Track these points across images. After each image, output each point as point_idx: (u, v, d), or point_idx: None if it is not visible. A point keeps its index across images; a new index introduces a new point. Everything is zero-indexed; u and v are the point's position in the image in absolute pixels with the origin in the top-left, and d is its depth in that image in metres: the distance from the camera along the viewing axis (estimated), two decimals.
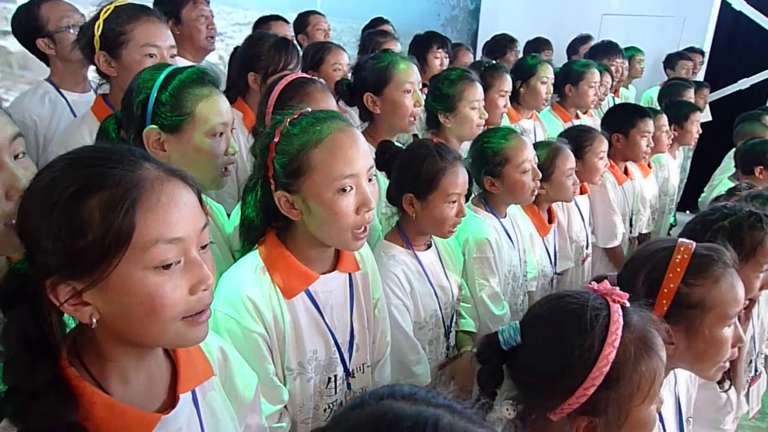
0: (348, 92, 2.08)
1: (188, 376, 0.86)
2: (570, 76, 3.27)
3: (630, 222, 2.84)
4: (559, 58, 4.27)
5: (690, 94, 3.83)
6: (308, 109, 1.18)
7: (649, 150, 2.74)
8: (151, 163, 0.75)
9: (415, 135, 2.29)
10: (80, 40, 1.66)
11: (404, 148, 1.68)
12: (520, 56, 3.78)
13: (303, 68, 2.35)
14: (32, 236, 0.71)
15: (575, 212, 2.41)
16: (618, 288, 0.97)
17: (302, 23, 3.16)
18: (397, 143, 1.91)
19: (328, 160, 1.09)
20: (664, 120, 2.94)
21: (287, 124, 1.13)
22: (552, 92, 3.07)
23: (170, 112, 1.26)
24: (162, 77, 1.27)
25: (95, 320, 0.72)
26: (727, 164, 3.26)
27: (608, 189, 2.60)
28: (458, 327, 1.82)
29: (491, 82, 2.53)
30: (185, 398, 0.84)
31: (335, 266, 1.26)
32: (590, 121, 3.42)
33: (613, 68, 3.90)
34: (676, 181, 3.50)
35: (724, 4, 5.20)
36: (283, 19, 2.92)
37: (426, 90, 2.29)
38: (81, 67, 2.04)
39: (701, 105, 4.04)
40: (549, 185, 2.07)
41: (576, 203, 2.39)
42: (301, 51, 2.33)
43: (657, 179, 3.16)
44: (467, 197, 1.69)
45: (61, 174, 0.71)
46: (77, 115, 1.92)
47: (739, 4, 5.22)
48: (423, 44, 3.14)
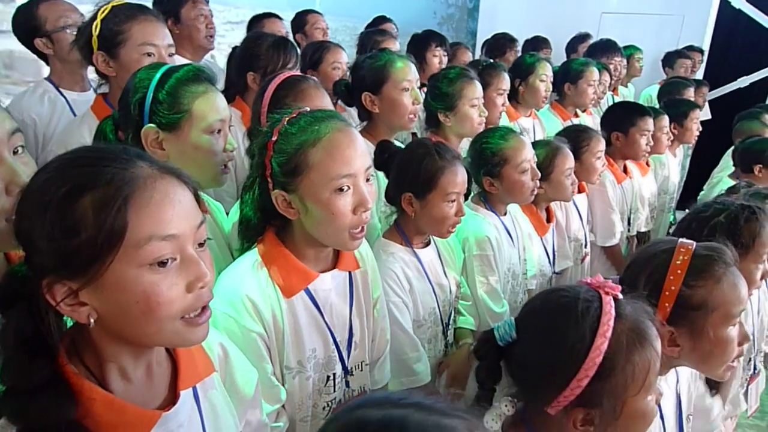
0: (346, 92, 2.07)
1: (189, 373, 0.86)
2: (569, 75, 3.27)
3: (628, 220, 2.83)
4: (558, 57, 4.26)
5: (690, 93, 3.82)
6: (306, 109, 1.17)
7: (649, 149, 2.73)
8: (145, 161, 0.74)
9: (414, 134, 2.29)
10: (78, 41, 1.66)
11: (403, 148, 1.68)
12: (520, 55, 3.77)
13: (302, 67, 2.34)
14: (27, 237, 0.71)
15: (573, 211, 2.40)
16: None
17: (300, 22, 3.15)
18: (397, 142, 1.91)
19: (326, 160, 1.09)
20: (665, 121, 2.93)
21: (285, 123, 1.13)
22: (551, 90, 3.07)
23: (167, 111, 1.26)
24: (158, 76, 1.27)
25: (92, 320, 0.72)
26: (726, 162, 3.25)
27: (607, 188, 2.60)
28: (456, 325, 1.82)
29: (489, 81, 2.53)
30: (186, 395, 0.84)
31: (335, 264, 1.25)
32: (589, 120, 3.42)
33: (612, 67, 3.88)
34: (677, 180, 3.49)
35: (724, 3, 5.18)
36: (277, 16, 2.92)
37: (425, 89, 2.29)
38: (79, 67, 2.04)
39: (701, 103, 4.03)
40: (548, 185, 2.06)
41: (574, 202, 2.38)
42: (300, 50, 2.33)
43: (657, 178, 3.16)
44: (466, 197, 1.69)
45: (55, 174, 0.71)
46: (77, 114, 1.93)
47: (739, 3, 5.20)
48: (421, 43, 3.13)
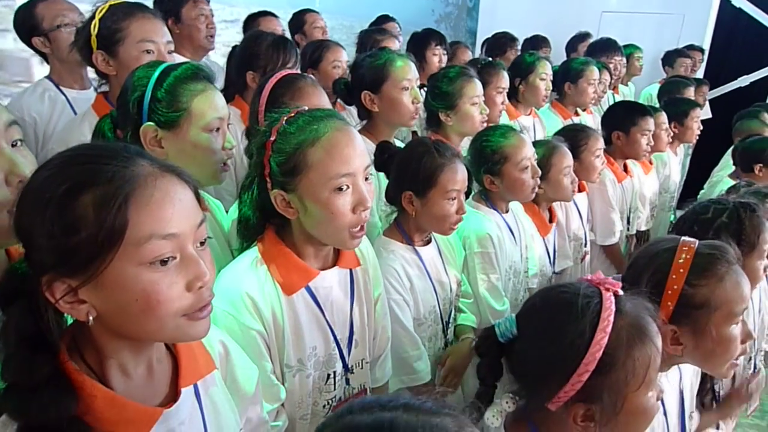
0: (345, 91, 2.07)
1: (190, 370, 0.86)
2: (569, 74, 3.26)
3: (628, 219, 2.83)
4: (558, 56, 4.25)
5: (690, 92, 3.81)
6: (305, 108, 1.17)
7: (650, 148, 2.73)
8: (145, 160, 0.74)
9: (414, 132, 2.29)
10: (77, 42, 1.66)
11: (403, 147, 1.68)
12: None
13: (302, 66, 2.34)
14: (27, 234, 0.71)
15: (573, 210, 2.40)
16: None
17: (299, 22, 3.13)
18: (397, 141, 1.91)
19: (325, 159, 1.09)
20: (664, 118, 2.92)
21: (284, 123, 1.12)
22: (551, 89, 3.06)
23: (166, 109, 1.26)
24: (157, 74, 1.27)
25: (92, 317, 0.72)
26: (727, 161, 3.25)
27: (607, 186, 2.60)
28: (458, 323, 1.81)
29: (488, 80, 2.52)
30: (187, 392, 0.84)
31: (335, 262, 1.25)
32: (590, 119, 3.42)
33: (612, 66, 3.88)
34: (678, 178, 3.49)
35: (724, 1, 5.17)
36: (272, 14, 2.91)
37: (424, 89, 2.29)
38: (78, 65, 2.04)
39: (701, 102, 4.03)
40: (546, 184, 2.05)
41: (574, 201, 2.38)
42: (299, 50, 2.32)
43: (659, 176, 3.16)
44: (467, 195, 1.69)
45: (56, 171, 0.71)
46: (77, 112, 1.93)
47: (739, 1, 5.19)
48: (421, 41, 3.12)
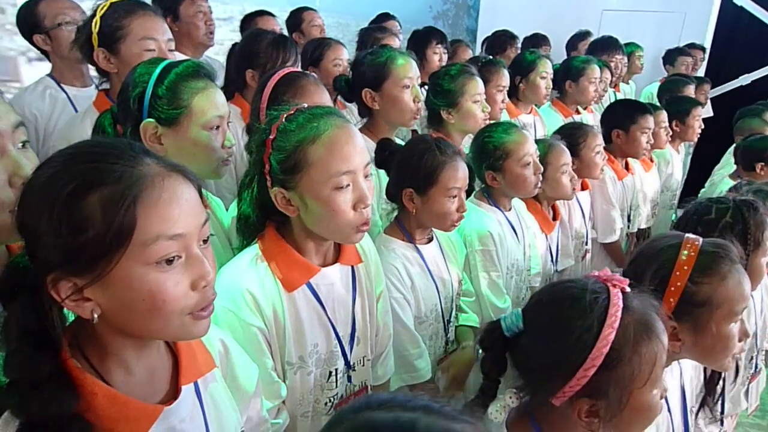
0: (346, 88, 2.07)
1: (190, 368, 0.86)
2: (570, 72, 3.26)
3: (628, 217, 2.83)
4: (558, 55, 4.25)
5: (690, 90, 3.80)
6: (304, 105, 1.17)
7: (649, 146, 2.72)
8: (152, 158, 0.74)
9: (414, 131, 2.29)
10: (78, 40, 1.66)
11: (403, 144, 1.68)
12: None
13: (303, 64, 2.34)
14: (33, 232, 0.70)
15: (576, 208, 2.40)
16: None
17: (296, 21, 3.12)
18: (397, 139, 1.90)
19: (325, 157, 1.09)
20: (664, 116, 2.92)
21: (283, 120, 1.12)
22: (551, 87, 3.06)
23: (167, 106, 1.26)
24: (158, 71, 1.27)
25: (96, 315, 0.72)
26: (728, 160, 3.24)
27: (607, 184, 2.59)
28: (458, 322, 1.81)
29: (488, 78, 2.52)
30: (187, 390, 0.85)
31: (336, 259, 1.25)
32: (590, 117, 3.41)
33: (613, 64, 3.87)
34: (680, 177, 3.49)
35: (726, 0, 5.18)
36: (269, 13, 2.92)
37: (425, 88, 2.29)
38: (79, 63, 2.04)
39: (703, 101, 4.02)
40: (545, 183, 2.03)
41: (577, 198, 2.38)
42: (298, 49, 2.32)
43: (661, 175, 3.15)
44: (468, 193, 1.68)
45: (62, 169, 0.70)
46: (78, 110, 1.93)
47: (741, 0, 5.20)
48: (422, 40, 3.11)
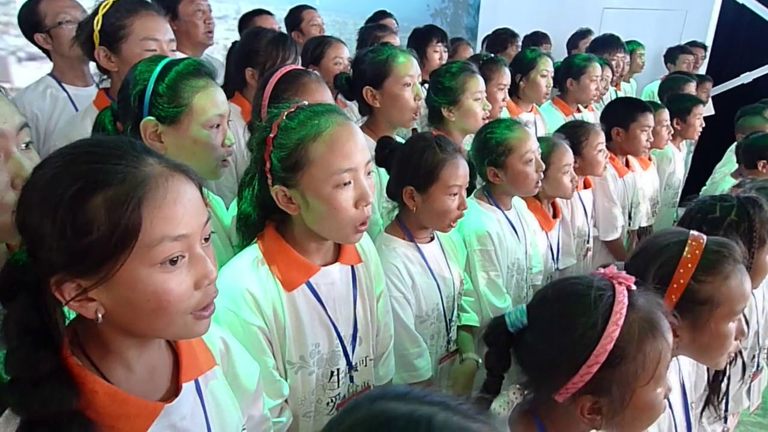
0: (347, 86, 2.07)
1: (190, 366, 0.86)
2: (571, 70, 3.26)
3: (629, 215, 2.82)
4: (559, 53, 4.24)
5: (691, 88, 3.79)
6: (305, 103, 1.17)
7: (649, 144, 2.72)
8: (154, 158, 0.74)
9: (414, 129, 2.28)
10: (80, 37, 1.66)
11: (404, 142, 1.67)
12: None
13: (303, 63, 2.34)
14: (35, 233, 0.70)
15: (578, 206, 2.40)
16: None
17: (295, 20, 3.11)
18: (398, 137, 1.90)
19: (327, 155, 1.08)
20: (665, 114, 2.91)
21: (284, 118, 1.12)
22: (552, 86, 3.06)
23: (167, 104, 1.26)
24: (159, 69, 1.27)
25: (100, 315, 0.72)
26: (729, 158, 3.24)
27: (608, 181, 2.59)
28: (459, 321, 1.81)
29: (489, 76, 2.51)
30: (188, 387, 0.85)
31: (336, 258, 1.25)
32: (591, 116, 3.41)
33: (614, 62, 3.86)
34: (681, 175, 3.49)
35: None
36: (267, 12, 2.92)
37: (426, 86, 2.28)
38: (80, 62, 2.04)
39: (704, 99, 4.01)
40: (546, 182, 2.02)
41: (579, 197, 2.37)
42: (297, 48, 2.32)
43: (663, 173, 3.15)
44: (469, 191, 1.68)
45: (63, 170, 0.70)
46: (79, 109, 1.93)
47: None
48: (422, 38, 3.11)
